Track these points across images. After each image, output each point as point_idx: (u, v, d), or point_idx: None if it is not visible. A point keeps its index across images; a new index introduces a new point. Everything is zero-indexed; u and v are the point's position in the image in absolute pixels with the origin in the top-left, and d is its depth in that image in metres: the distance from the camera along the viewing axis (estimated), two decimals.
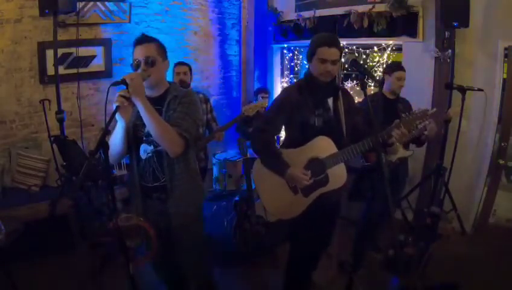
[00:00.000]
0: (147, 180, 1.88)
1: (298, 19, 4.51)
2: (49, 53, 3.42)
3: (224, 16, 5.00)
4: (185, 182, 1.89)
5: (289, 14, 4.72)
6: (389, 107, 2.83)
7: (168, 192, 1.87)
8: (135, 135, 1.87)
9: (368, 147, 1.93)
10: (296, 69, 5.18)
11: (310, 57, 2.02)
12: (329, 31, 3.99)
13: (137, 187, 1.91)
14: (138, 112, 1.73)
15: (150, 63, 1.76)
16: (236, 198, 3.25)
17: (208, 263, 2.22)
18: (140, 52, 1.79)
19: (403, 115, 2.01)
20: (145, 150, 1.86)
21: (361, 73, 1.77)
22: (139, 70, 1.76)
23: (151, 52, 1.79)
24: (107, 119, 1.54)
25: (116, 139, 1.78)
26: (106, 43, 3.94)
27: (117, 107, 1.59)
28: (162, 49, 1.86)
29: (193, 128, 1.82)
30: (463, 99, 2.97)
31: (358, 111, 2.20)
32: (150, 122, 1.69)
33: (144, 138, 1.85)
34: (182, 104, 1.82)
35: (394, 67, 2.92)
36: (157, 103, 1.81)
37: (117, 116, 1.66)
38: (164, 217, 1.89)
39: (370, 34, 3.86)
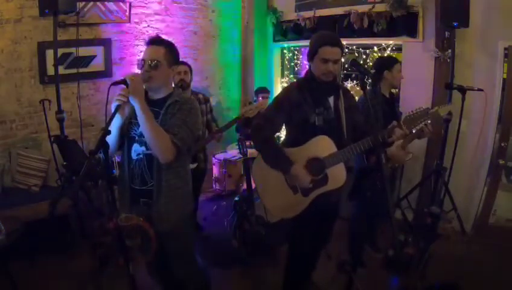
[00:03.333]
0: (135, 182, 1.84)
1: (298, 19, 4.51)
2: (49, 53, 3.43)
3: (224, 16, 5.00)
4: (172, 190, 1.83)
5: (289, 14, 4.72)
6: (387, 106, 2.77)
7: (153, 197, 1.82)
8: (129, 133, 1.84)
9: (368, 146, 1.92)
10: (296, 69, 5.18)
11: (311, 57, 2.01)
12: (330, 30, 3.99)
13: (126, 187, 1.87)
14: (135, 110, 1.71)
15: (153, 66, 1.74)
16: (236, 198, 3.24)
17: (201, 269, 2.18)
18: (147, 53, 1.78)
19: (406, 114, 2.01)
20: (135, 151, 1.83)
21: (361, 73, 1.77)
22: (142, 71, 1.76)
23: (157, 55, 1.77)
24: (108, 119, 1.55)
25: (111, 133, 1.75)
26: (106, 43, 3.94)
27: (117, 106, 1.59)
28: (170, 54, 1.82)
29: (188, 138, 1.78)
30: (463, 99, 2.96)
31: (359, 110, 2.19)
32: (145, 124, 1.67)
33: (137, 138, 1.82)
34: (181, 111, 1.78)
35: (391, 60, 2.87)
36: (157, 105, 1.80)
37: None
38: (149, 222, 1.82)
39: (370, 34, 3.86)
